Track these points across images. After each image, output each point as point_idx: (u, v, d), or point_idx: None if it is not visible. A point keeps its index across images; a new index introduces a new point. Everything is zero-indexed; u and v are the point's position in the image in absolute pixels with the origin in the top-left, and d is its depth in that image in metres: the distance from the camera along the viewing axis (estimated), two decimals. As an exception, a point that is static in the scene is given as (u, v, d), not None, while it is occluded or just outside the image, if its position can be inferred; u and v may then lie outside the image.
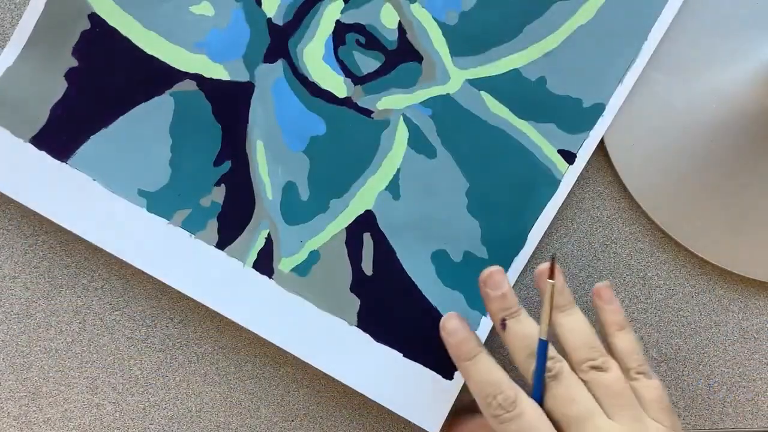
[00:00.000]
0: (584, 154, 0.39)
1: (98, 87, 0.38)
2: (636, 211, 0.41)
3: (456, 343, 0.36)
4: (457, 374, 0.39)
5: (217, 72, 0.38)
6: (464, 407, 0.39)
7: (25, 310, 0.40)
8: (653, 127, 0.40)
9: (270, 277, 0.38)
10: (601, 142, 0.40)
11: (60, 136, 0.38)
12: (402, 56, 0.38)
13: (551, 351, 0.34)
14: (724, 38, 0.39)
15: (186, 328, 0.40)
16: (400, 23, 0.38)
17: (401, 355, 0.38)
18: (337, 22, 0.38)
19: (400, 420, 0.41)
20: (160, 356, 0.40)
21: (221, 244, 0.38)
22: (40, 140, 0.38)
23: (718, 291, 0.41)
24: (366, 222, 0.39)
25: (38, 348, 0.40)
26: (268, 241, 0.38)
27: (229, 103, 0.38)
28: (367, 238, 0.39)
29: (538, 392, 0.34)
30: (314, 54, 0.38)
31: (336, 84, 0.38)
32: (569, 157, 0.39)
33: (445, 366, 0.39)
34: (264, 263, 0.38)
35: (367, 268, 0.39)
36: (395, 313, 0.39)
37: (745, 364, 0.41)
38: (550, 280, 0.34)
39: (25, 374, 0.40)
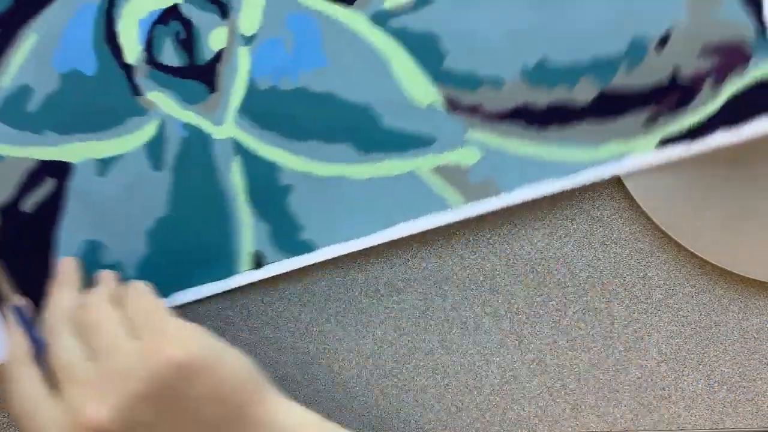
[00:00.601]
0: (275, 268, 0.39)
1: None
2: (636, 211, 0.41)
3: None
4: None
5: None
6: None
7: (25, 311, 0.40)
8: (653, 127, 0.40)
9: None
10: (601, 142, 0.40)
11: None
12: (202, 76, 0.38)
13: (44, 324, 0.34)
14: (724, 38, 0.39)
15: (186, 328, 0.40)
16: (222, 51, 0.38)
17: None
18: (175, 4, 0.38)
19: (400, 420, 0.41)
20: (160, 356, 0.40)
21: None
22: None
23: (718, 291, 0.41)
24: (61, 171, 0.38)
25: (38, 348, 0.40)
26: None
27: None
28: (51, 183, 0.38)
29: (38, 358, 0.34)
30: (135, 10, 0.38)
31: (131, 48, 0.38)
32: (260, 262, 0.39)
33: None
34: None
35: (28, 205, 0.38)
36: (15, 258, 0.38)
37: (745, 364, 0.41)
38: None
39: (25, 374, 0.40)
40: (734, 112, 0.38)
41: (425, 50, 0.38)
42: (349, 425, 0.41)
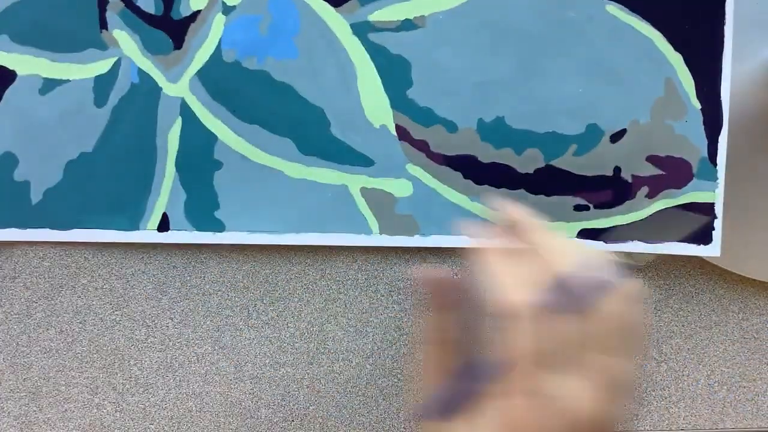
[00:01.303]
0: (177, 237, 0.39)
1: None
2: (636, 211, 0.41)
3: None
4: None
5: None
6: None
7: (25, 310, 0.40)
8: (653, 127, 0.40)
9: None
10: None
11: None
12: (172, 31, 0.39)
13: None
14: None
15: (186, 328, 0.40)
16: (199, 12, 0.38)
17: None
18: None
19: (400, 420, 0.41)
20: (160, 356, 0.40)
21: None
22: None
23: (718, 291, 0.41)
24: (3, 77, 0.38)
25: (38, 348, 0.40)
26: None
27: None
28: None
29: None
30: None
31: None
32: (165, 226, 0.39)
33: None
34: None
35: None
36: None
37: (745, 364, 0.41)
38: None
39: (25, 374, 0.40)
40: (655, 228, 0.39)
41: (394, 73, 0.38)
42: (349, 425, 0.41)
